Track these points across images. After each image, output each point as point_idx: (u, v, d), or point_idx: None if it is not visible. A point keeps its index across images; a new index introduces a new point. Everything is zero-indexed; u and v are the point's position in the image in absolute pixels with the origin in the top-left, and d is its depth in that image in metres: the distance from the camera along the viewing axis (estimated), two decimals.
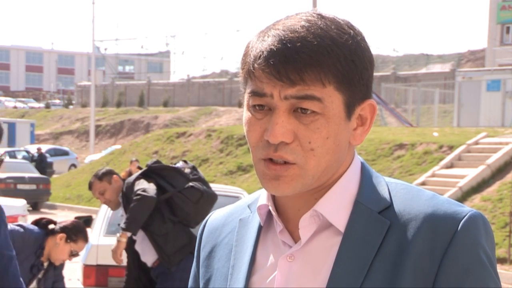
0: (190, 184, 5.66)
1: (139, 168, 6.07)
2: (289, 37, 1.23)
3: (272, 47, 1.23)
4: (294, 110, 1.24)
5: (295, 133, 1.24)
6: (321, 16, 1.27)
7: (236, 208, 1.46)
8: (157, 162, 5.92)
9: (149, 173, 5.71)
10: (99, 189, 5.71)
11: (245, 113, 1.29)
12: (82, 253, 7.04)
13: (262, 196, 1.37)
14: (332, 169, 1.29)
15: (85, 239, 4.96)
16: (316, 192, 1.31)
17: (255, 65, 1.25)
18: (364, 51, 1.28)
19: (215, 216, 1.49)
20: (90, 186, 5.79)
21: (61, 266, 5.03)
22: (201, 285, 1.44)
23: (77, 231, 4.87)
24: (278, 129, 1.23)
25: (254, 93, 1.26)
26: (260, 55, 1.24)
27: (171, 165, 5.91)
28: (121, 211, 5.79)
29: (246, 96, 1.29)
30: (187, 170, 5.80)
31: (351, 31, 1.27)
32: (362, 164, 1.36)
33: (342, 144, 1.28)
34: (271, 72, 1.23)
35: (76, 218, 7.43)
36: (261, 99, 1.25)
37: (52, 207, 23.19)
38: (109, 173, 5.76)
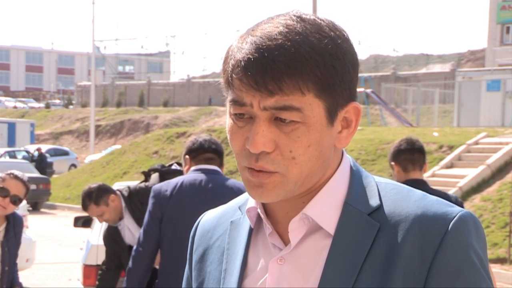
0: None
1: (145, 174, 5.81)
2: (266, 45, 1.21)
3: (250, 56, 1.21)
4: (275, 118, 1.23)
5: (276, 142, 1.23)
6: (301, 19, 1.25)
7: (227, 210, 1.45)
8: (163, 166, 5.78)
9: (160, 180, 5.56)
10: (96, 213, 5.33)
11: (228, 120, 1.29)
12: (82, 253, 7.04)
13: (251, 198, 1.36)
14: (317, 174, 1.28)
15: (12, 175, 4.59)
16: (303, 196, 1.30)
17: (233, 75, 1.24)
18: (346, 53, 1.25)
19: (206, 218, 1.48)
20: (86, 209, 5.35)
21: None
22: None
23: None
24: (259, 138, 1.22)
25: (235, 102, 1.25)
26: (238, 65, 1.22)
27: (176, 167, 5.74)
28: (127, 223, 5.41)
29: (227, 103, 1.28)
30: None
31: (332, 33, 1.25)
32: (352, 165, 1.35)
33: (326, 149, 1.27)
34: (249, 82, 1.21)
35: (76, 218, 7.43)
36: (241, 108, 1.24)
37: (52, 207, 23.19)
38: (105, 194, 5.33)
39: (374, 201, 1.29)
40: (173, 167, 5.64)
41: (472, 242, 1.24)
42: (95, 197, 5.30)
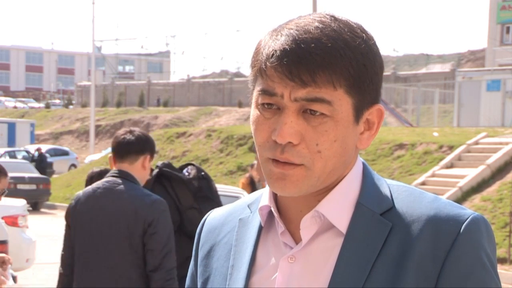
0: (195, 206, 5.47)
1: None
2: (303, 37, 1.22)
3: (286, 46, 1.22)
4: (303, 111, 1.24)
5: (303, 134, 1.24)
6: (334, 18, 1.27)
7: (236, 208, 1.45)
8: (168, 165, 5.68)
9: (162, 178, 5.50)
10: None
11: (253, 111, 1.29)
12: None
13: (264, 197, 1.36)
14: (338, 171, 1.29)
15: (5, 174, 4.74)
16: (319, 194, 1.30)
17: (267, 64, 1.24)
18: (376, 55, 1.28)
19: (214, 215, 1.48)
20: None
21: None
22: (199, 284, 1.44)
23: None
24: (287, 129, 1.23)
25: (264, 92, 1.25)
26: (273, 54, 1.23)
27: (179, 174, 5.62)
28: None
29: (255, 93, 1.28)
30: (194, 182, 5.56)
31: (364, 35, 1.27)
32: (364, 165, 1.36)
33: (349, 147, 1.28)
34: (283, 71, 1.22)
35: None
36: (271, 98, 1.25)
37: (52, 207, 23.19)
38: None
39: (386, 202, 1.30)
40: (185, 171, 5.54)
41: (483, 244, 1.25)
42: (95, 181, 5.39)
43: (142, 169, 4.01)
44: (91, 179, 5.49)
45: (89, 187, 4.08)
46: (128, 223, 3.79)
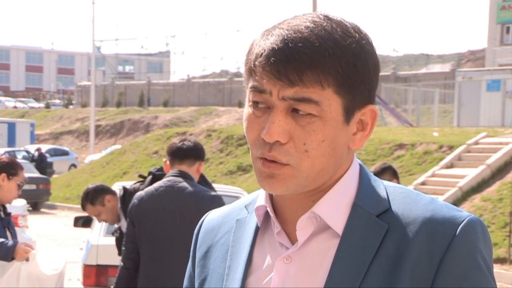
0: None
1: (141, 177, 5.78)
2: (292, 37, 1.23)
3: (274, 45, 1.23)
4: (292, 110, 1.24)
5: (291, 133, 1.24)
6: (327, 18, 1.27)
7: (233, 209, 1.46)
8: (161, 169, 5.71)
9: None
10: (93, 213, 5.54)
11: (246, 109, 1.30)
12: (82, 253, 7.04)
13: (260, 197, 1.37)
14: (329, 172, 1.29)
15: (21, 167, 4.85)
16: (313, 194, 1.31)
17: (256, 63, 1.25)
18: (369, 55, 1.27)
19: (211, 216, 1.49)
20: (84, 208, 5.57)
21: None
22: (196, 285, 1.44)
23: (13, 164, 4.77)
24: (274, 128, 1.23)
25: (254, 88, 1.27)
26: (262, 53, 1.24)
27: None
28: (122, 223, 5.47)
29: (247, 91, 1.29)
30: None
31: (357, 35, 1.26)
32: (361, 167, 1.36)
33: (340, 147, 1.28)
34: (271, 70, 1.23)
35: (76, 218, 7.43)
36: (261, 96, 1.26)
37: (52, 207, 23.18)
38: (101, 194, 5.51)
39: (382, 203, 1.30)
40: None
41: (479, 246, 1.25)
42: (91, 197, 5.50)
43: (196, 173, 4.48)
44: (86, 195, 5.55)
45: (151, 187, 4.46)
46: (192, 216, 4.13)
